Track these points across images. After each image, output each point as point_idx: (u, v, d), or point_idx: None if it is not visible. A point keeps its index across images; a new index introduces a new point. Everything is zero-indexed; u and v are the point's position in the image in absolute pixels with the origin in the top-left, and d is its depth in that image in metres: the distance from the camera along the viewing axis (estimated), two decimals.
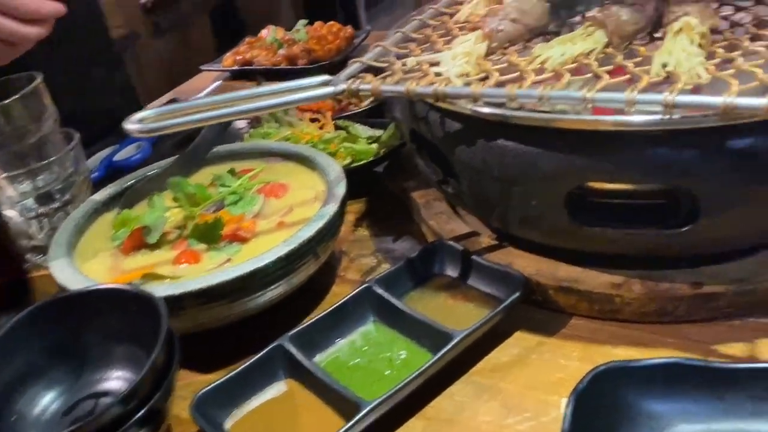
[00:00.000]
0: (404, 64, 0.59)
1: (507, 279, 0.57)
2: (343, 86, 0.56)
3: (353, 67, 0.60)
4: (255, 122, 0.91)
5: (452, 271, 0.62)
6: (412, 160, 0.73)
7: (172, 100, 1.19)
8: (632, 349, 0.53)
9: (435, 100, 0.52)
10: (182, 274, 0.59)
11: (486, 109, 0.52)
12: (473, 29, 0.59)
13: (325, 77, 0.57)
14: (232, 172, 0.72)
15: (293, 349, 0.54)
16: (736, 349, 0.52)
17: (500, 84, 0.51)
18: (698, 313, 0.54)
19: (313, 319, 0.56)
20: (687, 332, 0.54)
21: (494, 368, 0.54)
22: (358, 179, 0.80)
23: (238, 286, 0.55)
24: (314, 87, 0.57)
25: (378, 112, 0.87)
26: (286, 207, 0.65)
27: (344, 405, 0.49)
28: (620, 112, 0.46)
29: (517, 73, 0.52)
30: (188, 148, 0.74)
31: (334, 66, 1.21)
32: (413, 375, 0.49)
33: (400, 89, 0.53)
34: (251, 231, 0.63)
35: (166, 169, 0.73)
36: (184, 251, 0.61)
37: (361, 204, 0.80)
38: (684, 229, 0.50)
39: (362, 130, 0.86)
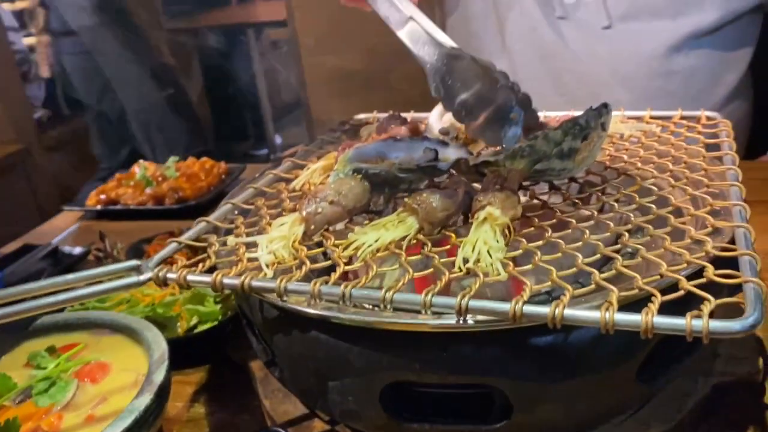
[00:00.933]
0: (224, 244, 0.57)
1: None
2: (149, 274, 0.52)
3: (169, 248, 0.57)
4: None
5: None
6: None
7: (25, 246, 1.12)
8: None
9: (242, 292, 0.50)
10: None
11: (293, 305, 0.50)
12: (293, 210, 0.58)
13: (134, 262, 0.54)
14: (51, 349, 0.66)
15: None
16: None
17: (309, 274, 0.49)
18: None
19: None
20: None
21: None
22: (202, 346, 0.76)
23: None
24: (120, 274, 0.53)
25: None
26: (100, 396, 0.60)
27: None
28: None
29: (327, 261, 0.51)
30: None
31: (201, 206, 1.19)
32: None
33: (207, 280, 0.50)
34: (55, 429, 0.56)
35: None
36: None
37: (203, 373, 0.75)
38: (499, 425, 0.48)
39: (210, 290, 0.82)
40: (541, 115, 0.72)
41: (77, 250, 1.05)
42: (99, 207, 1.24)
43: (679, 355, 0.54)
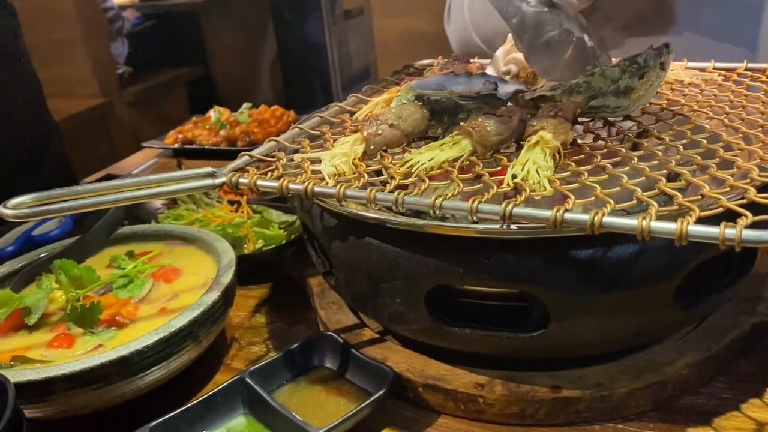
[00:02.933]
0: (291, 160, 0.61)
1: (379, 374, 0.58)
2: (223, 179, 0.57)
3: (242, 159, 0.62)
4: (171, 203, 0.92)
5: (332, 364, 0.62)
6: None
7: (108, 176, 1.21)
8: None
9: (305, 197, 0.54)
10: (53, 358, 0.58)
11: (353, 209, 0.54)
12: (355, 131, 0.62)
13: (209, 169, 0.59)
14: (130, 254, 0.73)
15: None
16: None
17: (367, 185, 0.53)
18: (559, 417, 0.55)
19: (179, 410, 0.56)
20: None
21: None
22: (265, 264, 0.81)
23: (106, 372, 0.55)
24: (197, 178, 0.58)
25: None
26: (172, 293, 0.66)
27: None
28: None
29: (384, 176, 0.55)
30: (89, 231, 0.75)
31: None
32: None
33: (275, 185, 0.55)
34: (132, 316, 0.63)
35: (64, 250, 0.73)
36: (59, 335, 0.61)
37: (265, 290, 0.80)
38: (536, 333, 0.51)
39: (276, 216, 0.88)
40: None
41: None
42: (176, 145, 1.31)
43: (720, 288, 0.56)
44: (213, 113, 1.40)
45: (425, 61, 0.91)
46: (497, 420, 0.55)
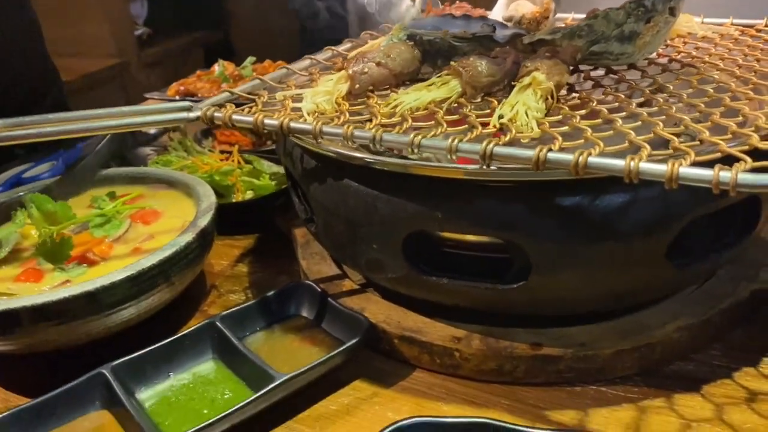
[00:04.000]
0: (273, 98, 0.59)
1: (354, 324, 0.55)
2: (198, 113, 0.55)
3: (221, 95, 0.59)
4: (162, 149, 0.90)
5: (308, 313, 0.60)
6: None
7: None
8: (461, 407, 0.51)
9: (281, 133, 0.51)
10: (18, 291, 0.57)
11: (332, 148, 0.51)
12: (340, 69, 0.58)
13: (186, 103, 0.57)
14: (111, 195, 0.71)
15: (112, 379, 0.51)
16: (567, 416, 0.49)
17: (350, 124, 0.50)
18: (538, 376, 0.52)
19: (143, 351, 0.54)
20: (523, 395, 0.51)
21: (319, 417, 0.51)
22: (251, 214, 0.79)
23: (70, 307, 0.53)
24: (173, 111, 0.56)
25: None
26: (148, 234, 0.64)
27: None
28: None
29: (367, 115, 0.52)
30: (74, 169, 0.73)
31: None
32: (219, 416, 0.47)
33: (249, 120, 0.52)
34: (104, 254, 0.61)
35: (45, 188, 0.71)
36: (27, 269, 0.59)
37: (251, 240, 0.78)
38: (516, 285, 0.49)
39: (267, 166, 0.85)
40: None
41: (153, 130, 1.10)
42: (177, 97, 1.29)
43: (719, 248, 0.52)
44: (217, 67, 1.37)
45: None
46: (473, 376, 0.53)
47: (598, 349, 0.51)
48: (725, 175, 0.36)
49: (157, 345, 0.54)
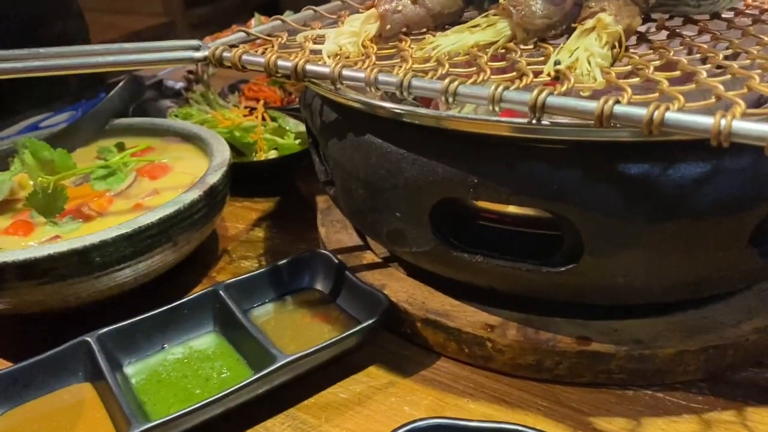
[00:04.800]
0: (293, 40, 0.51)
1: (373, 302, 0.49)
2: (205, 52, 0.48)
3: (236, 35, 0.52)
4: (183, 102, 0.84)
5: (323, 287, 0.54)
6: None
7: (134, 77, 1.13)
8: (491, 406, 0.44)
9: (296, 77, 0.44)
10: (4, 245, 0.51)
11: (353, 95, 0.44)
12: (369, 8, 0.51)
13: (195, 42, 0.50)
14: (120, 146, 0.65)
15: (97, 350, 0.45)
16: (615, 425, 0.42)
17: (374, 67, 0.42)
18: (583, 375, 0.44)
19: (135, 318, 0.48)
20: (565, 396, 0.44)
21: (326, 406, 0.45)
22: (272, 175, 0.73)
23: (54, 265, 0.48)
24: (178, 49, 0.49)
25: None
26: (153, 189, 0.58)
27: (122, 423, 0.41)
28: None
29: (397, 60, 0.44)
30: (81, 117, 0.68)
31: None
32: (209, 399, 0.41)
33: (260, 60, 0.45)
34: (102, 209, 0.55)
35: (51, 136, 0.66)
36: (17, 221, 0.53)
37: (271, 204, 0.72)
38: (564, 268, 0.41)
39: (294, 125, 0.78)
40: None
41: (179, 84, 1.05)
42: None
43: None
44: (254, 21, 1.30)
45: None
46: (507, 370, 0.45)
47: (657, 348, 0.43)
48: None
49: (150, 313, 0.48)
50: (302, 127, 0.78)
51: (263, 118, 0.78)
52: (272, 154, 0.75)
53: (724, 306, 0.45)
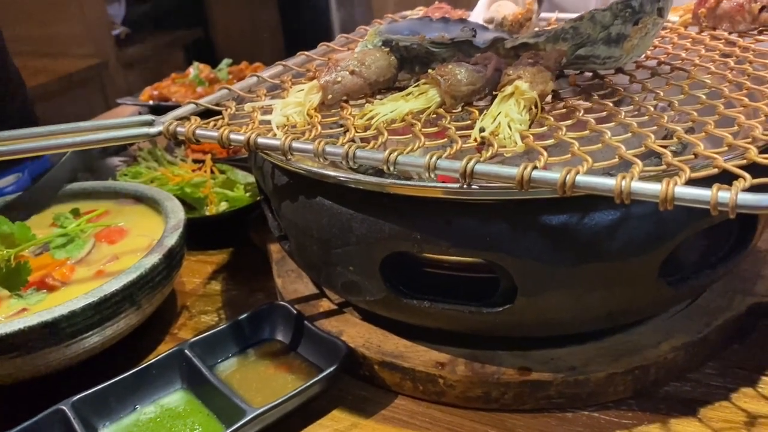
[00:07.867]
0: (241, 109, 0.55)
1: (332, 349, 0.52)
2: (159, 128, 0.51)
3: (186, 107, 0.56)
4: (131, 160, 0.86)
5: (283, 337, 0.57)
6: None
7: None
8: None
9: (248, 149, 0.48)
10: None
11: (303, 165, 0.48)
12: (311, 79, 0.55)
13: (149, 117, 0.53)
14: (75, 212, 0.67)
15: (72, 417, 0.48)
16: None
17: (319, 138, 0.47)
18: (527, 402, 0.49)
19: (107, 383, 0.50)
20: (512, 423, 0.49)
21: None
22: (225, 228, 0.75)
23: (26, 339, 0.50)
24: (133, 125, 0.52)
25: None
26: (113, 254, 0.60)
27: None
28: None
29: (341, 128, 0.49)
30: (34, 186, 0.70)
31: None
32: None
33: (214, 135, 0.49)
34: (65, 278, 0.57)
35: (5, 205, 0.67)
36: None
37: (225, 255, 0.75)
38: (501, 309, 0.46)
39: (242, 177, 0.82)
40: None
41: None
42: (151, 102, 1.24)
43: (714, 263, 0.49)
44: (192, 70, 1.33)
45: (407, 12, 0.83)
46: (458, 403, 0.50)
47: (590, 373, 0.48)
48: (724, 195, 0.33)
49: (121, 376, 0.51)
50: (251, 178, 0.81)
51: (212, 172, 0.81)
52: (223, 206, 0.78)
53: (644, 329, 0.51)
